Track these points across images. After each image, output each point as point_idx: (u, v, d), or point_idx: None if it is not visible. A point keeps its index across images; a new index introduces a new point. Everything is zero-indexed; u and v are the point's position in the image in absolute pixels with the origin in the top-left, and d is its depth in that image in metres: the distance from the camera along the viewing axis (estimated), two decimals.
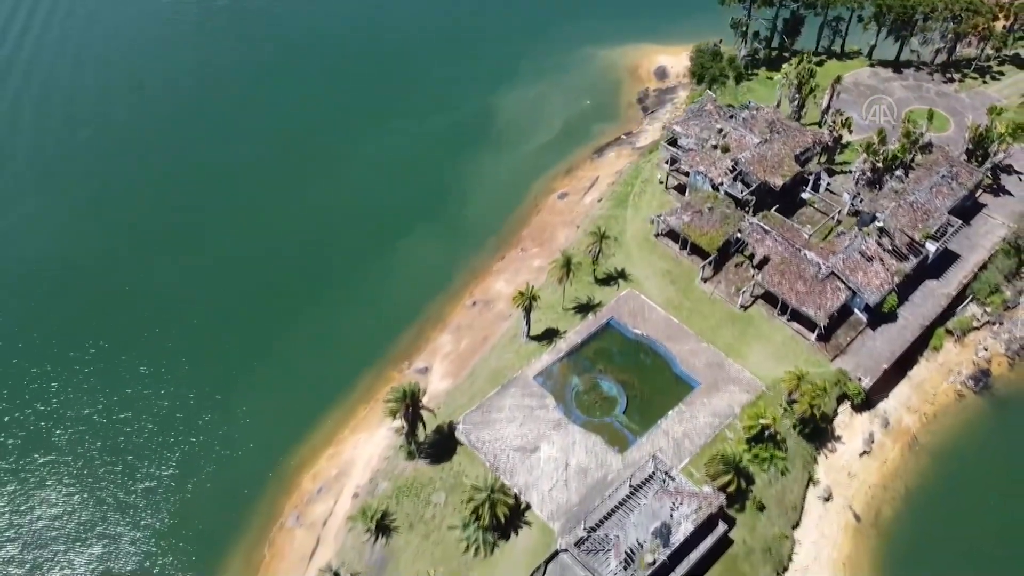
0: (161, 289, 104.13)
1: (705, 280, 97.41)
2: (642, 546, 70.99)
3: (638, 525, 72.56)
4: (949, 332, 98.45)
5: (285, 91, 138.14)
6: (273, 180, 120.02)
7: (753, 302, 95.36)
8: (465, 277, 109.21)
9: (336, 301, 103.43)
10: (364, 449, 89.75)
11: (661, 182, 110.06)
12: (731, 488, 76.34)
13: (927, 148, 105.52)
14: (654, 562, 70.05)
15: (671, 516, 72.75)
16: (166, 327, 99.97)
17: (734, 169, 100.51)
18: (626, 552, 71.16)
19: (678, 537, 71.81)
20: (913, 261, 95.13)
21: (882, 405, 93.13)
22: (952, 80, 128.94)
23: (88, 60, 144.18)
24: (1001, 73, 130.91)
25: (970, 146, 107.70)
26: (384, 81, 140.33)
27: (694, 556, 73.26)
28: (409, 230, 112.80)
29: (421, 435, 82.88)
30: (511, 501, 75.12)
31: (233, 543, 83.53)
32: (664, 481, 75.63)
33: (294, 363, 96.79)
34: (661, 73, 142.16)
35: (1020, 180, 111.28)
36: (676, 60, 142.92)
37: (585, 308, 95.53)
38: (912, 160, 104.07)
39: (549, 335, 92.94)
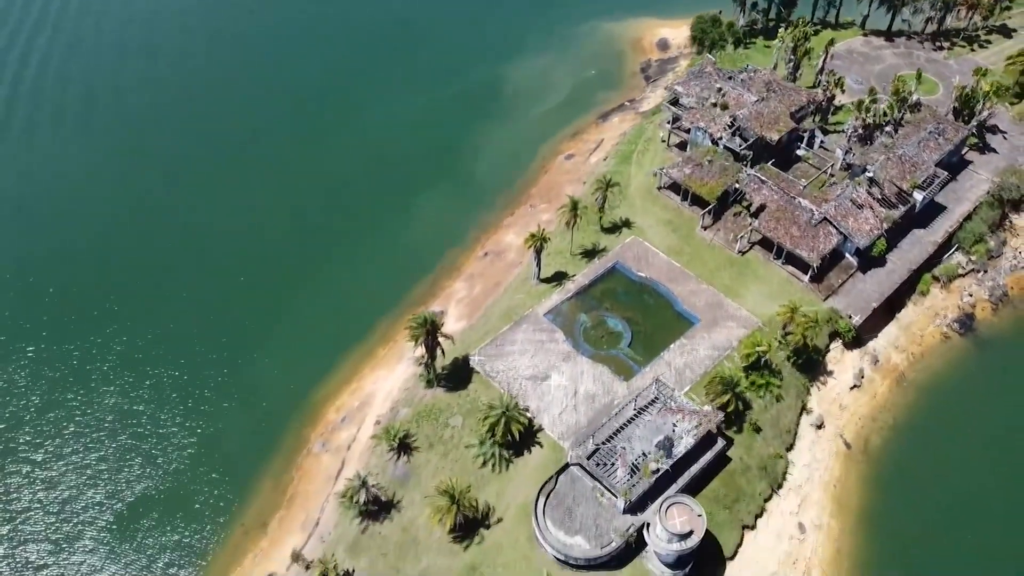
0: (193, 238, 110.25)
1: (705, 228, 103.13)
2: (646, 457, 76.69)
3: (642, 439, 78.26)
4: (936, 278, 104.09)
5: (306, 58, 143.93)
6: (295, 142, 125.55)
7: (750, 248, 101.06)
8: (477, 231, 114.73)
9: (355, 253, 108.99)
10: (384, 384, 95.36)
11: (663, 140, 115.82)
12: (730, 408, 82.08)
13: (916, 107, 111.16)
14: (657, 470, 75.73)
15: (673, 431, 78.45)
16: (199, 274, 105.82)
17: (732, 125, 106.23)
18: (631, 464, 76.87)
19: (680, 450, 77.49)
20: (901, 209, 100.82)
21: (872, 344, 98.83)
22: (941, 48, 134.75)
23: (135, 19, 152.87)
24: (988, 42, 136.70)
25: (956, 105, 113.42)
26: (397, 52, 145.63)
27: (695, 468, 79.00)
28: (423, 189, 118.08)
29: (439, 365, 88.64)
30: (525, 420, 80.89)
31: (262, 469, 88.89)
32: (667, 401, 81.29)
33: (317, 309, 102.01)
34: (663, 45, 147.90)
35: (1005, 139, 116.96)
36: (677, 32, 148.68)
37: (592, 253, 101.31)
38: (902, 118, 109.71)
39: (558, 278, 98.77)
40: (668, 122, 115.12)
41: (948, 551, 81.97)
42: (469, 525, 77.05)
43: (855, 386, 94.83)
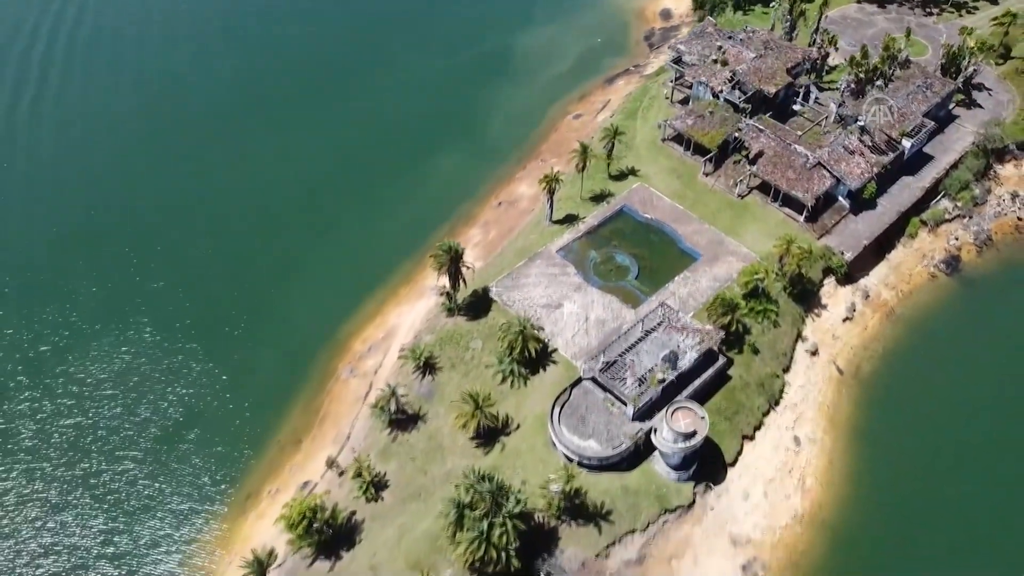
0: (230, 190, 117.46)
1: (707, 175, 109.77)
2: (653, 370, 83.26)
3: (650, 353, 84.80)
4: (924, 223, 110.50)
5: (328, 30, 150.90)
6: (321, 105, 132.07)
7: (749, 192, 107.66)
8: (491, 184, 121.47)
9: (376, 204, 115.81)
10: (407, 317, 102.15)
11: (667, 98, 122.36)
12: (731, 328, 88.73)
13: (906, 64, 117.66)
14: (663, 380, 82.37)
15: (678, 347, 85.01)
16: (236, 222, 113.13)
17: (732, 79, 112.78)
18: (640, 377, 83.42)
19: (684, 363, 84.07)
20: (891, 155, 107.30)
21: (863, 281, 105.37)
22: (931, 14, 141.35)
23: None
24: (976, 7, 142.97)
25: (944, 62, 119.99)
26: (413, 23, 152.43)
27: (698, 382, 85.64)
28: (439, 147, 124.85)
29: (460, 296, 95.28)
30: (541, 337, 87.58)
31: (294, 395, 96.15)
32: (672, 321, 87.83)
33: (342, 255, 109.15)
34: (666, 14, 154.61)
35: (990, 96, 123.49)
36: (679, 3, 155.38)
37: (600, 198, 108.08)
38: (892, 74, 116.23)
39: (569, 220, 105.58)
40: (671, 80, 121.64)
41: (931, 465, 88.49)
42: (490, 434, 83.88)
43: (847, 318, 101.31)
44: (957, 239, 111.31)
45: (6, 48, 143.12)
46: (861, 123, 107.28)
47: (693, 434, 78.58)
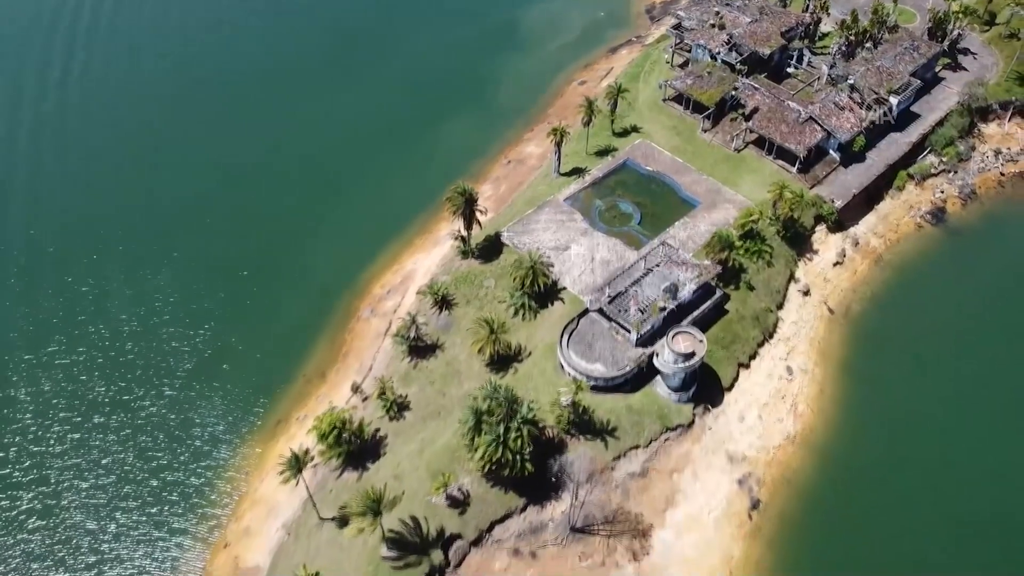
0: (258, 153, 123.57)
1: (705, 131, 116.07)
2: (655, 300, 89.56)
3: (652, 286, 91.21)
4: (911, 176, 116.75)
5: (347, 7, 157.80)
6: (339, 77, 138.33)
7: (745, 146, 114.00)
8: (501, 144, 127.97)
9: (393, 164, 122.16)
10: (423, 263, 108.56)
11: (668, 62, 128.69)
12: (728, 263, 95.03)
13: (894, 28, 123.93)
14: (664, 308, 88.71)
15: (678, 279, 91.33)
16: (264, 180, 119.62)
17: (729, 41, 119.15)
18: (641, 308, 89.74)
19: (684, 294, 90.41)
20: (879, 111, 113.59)
21: (853, 229, 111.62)
22: None
23: None
24: None
25: (931, 26, 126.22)
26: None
27: (696, 313, 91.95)
28: (451, 112, 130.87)
29: (473, 241, 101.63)
30: (549, 273, 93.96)
31: (318, 333, 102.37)
32: (672, 257, 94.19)
33: (361, 208, 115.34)
34: None
35: (975, 59, 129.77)
36: None
37: (605, 153, 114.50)
38: (881, 37, 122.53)
39: (576, 172, 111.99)
40: (672, 45, 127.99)
41: (914, 397, 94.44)
42: (503, 360, 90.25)
43: (838, 263, 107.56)
44: (942, 192, 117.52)
45: (56, 18, 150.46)
46: (851, 81, 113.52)
47: (692, 355, 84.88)
